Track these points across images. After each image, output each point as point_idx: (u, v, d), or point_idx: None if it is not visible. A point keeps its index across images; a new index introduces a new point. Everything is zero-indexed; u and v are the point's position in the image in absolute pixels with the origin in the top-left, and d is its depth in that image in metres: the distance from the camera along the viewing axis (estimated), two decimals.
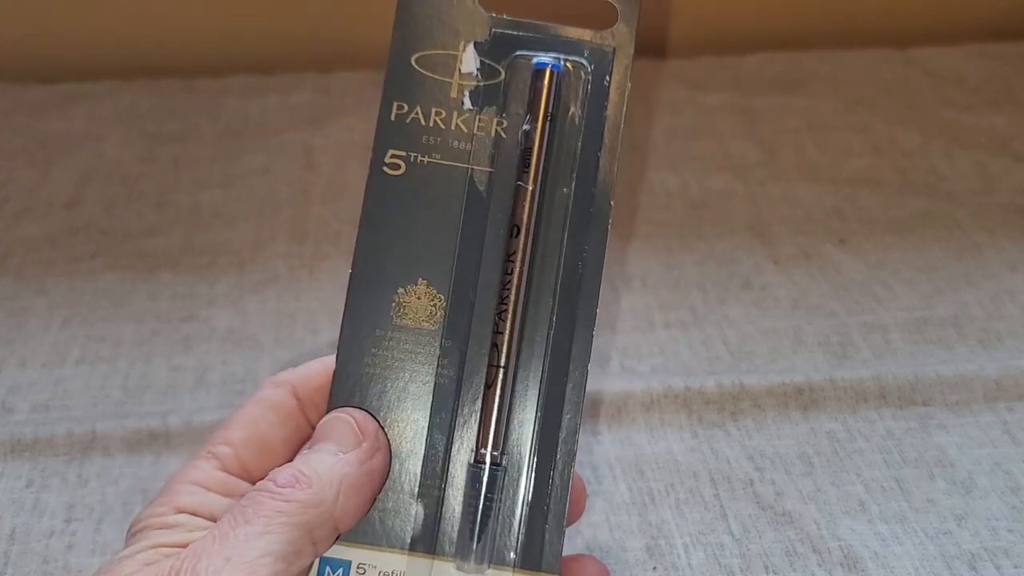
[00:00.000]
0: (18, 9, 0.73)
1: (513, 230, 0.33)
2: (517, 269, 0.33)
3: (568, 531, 0.43)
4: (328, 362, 0.34)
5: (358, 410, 0.33)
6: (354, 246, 0.34)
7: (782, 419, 0.49)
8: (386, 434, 0.33)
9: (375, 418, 0.33)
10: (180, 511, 0.31)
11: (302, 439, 0.34)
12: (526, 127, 0.34)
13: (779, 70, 0.75)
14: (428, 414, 0.33)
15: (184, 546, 0.29)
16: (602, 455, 0.47)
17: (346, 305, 0.34)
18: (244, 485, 0.32)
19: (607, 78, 0.34)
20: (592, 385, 0.49)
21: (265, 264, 0.59)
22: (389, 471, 0.33)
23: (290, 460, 0.33)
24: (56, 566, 0.42)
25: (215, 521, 0.31)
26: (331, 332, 0.54)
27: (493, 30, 0.35)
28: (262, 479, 0.31)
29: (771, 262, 0.59)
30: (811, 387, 0.50)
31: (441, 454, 0.33)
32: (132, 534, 0.31)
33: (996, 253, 0.59)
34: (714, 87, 0.73)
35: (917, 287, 0.57)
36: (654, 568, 0.42)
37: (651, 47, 0.77)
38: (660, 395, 0.49)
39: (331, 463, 0.31)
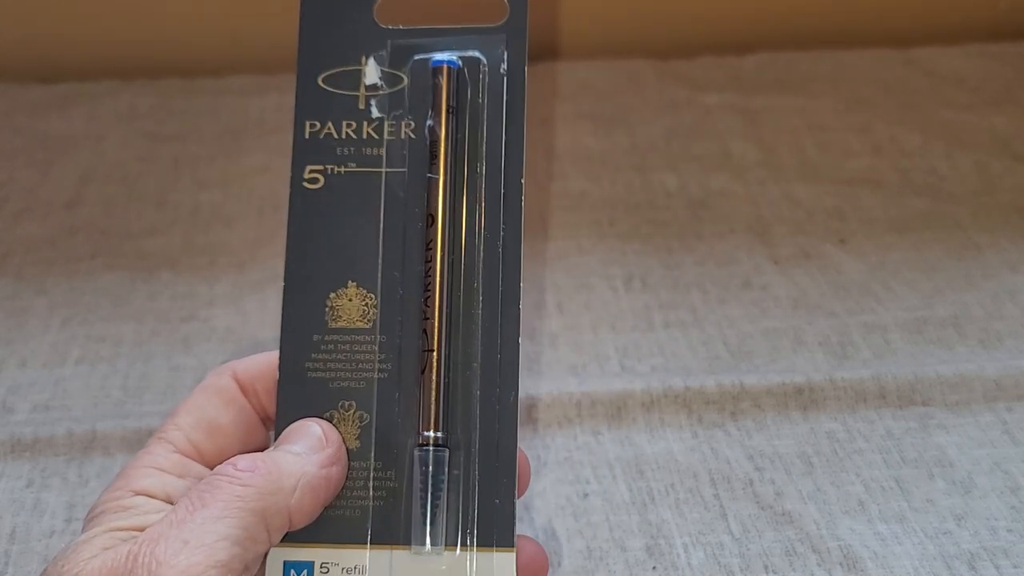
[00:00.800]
0: (18, 9, 0.73)
1: (428, 219, 0.35)
2: (437, 256, 0.35)
3: (568, 531, 0.44)
4: (271, 355, 0.35)
5: (325, 422, 0.34)
6: (284, 260, 0.36)
7: (782, 419, 0.49)
8: (345, 443, 0.34)
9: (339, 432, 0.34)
10: (137, 493, 0.31)
11: (247, 421, 0.35)
12: (430, 122, 0.36)
13: (779, 70, 0.75)
14: (374, 408, 0.34)
15: (141, 529, 0.30)
16: (602, 455, 0.47)
17: (282, 314, 0.35)
18: (198, 466, 0.33)
19: (502, 66, 0.36)
20: (592, 385, 0.50)
21: (265, 264, 0.59)
22: (343, 484, 0.34)
23: (239, 440, 0.34)
24: None
25: (171, 503, 0.31)
26: None
27: (391, 41, 0.37)
28: (216, 461, 0.32)
29: (771, 262, 0.59)
30: (811, 387, 0.50)
31: (389, 446, 0.34)
32: (89, 519, 0.31)
33: (996, 253, 0.59)
34: (714, 87, 0.73)
35: (917, 287, 0.57)
36: (654, 568, 0.42)
37: (651, 47, 0.77)
38: (660, 395, 0.49)
39: (292, 460, 0.32)
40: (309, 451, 0.33)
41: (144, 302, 0.56)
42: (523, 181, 0.35)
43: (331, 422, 0.34)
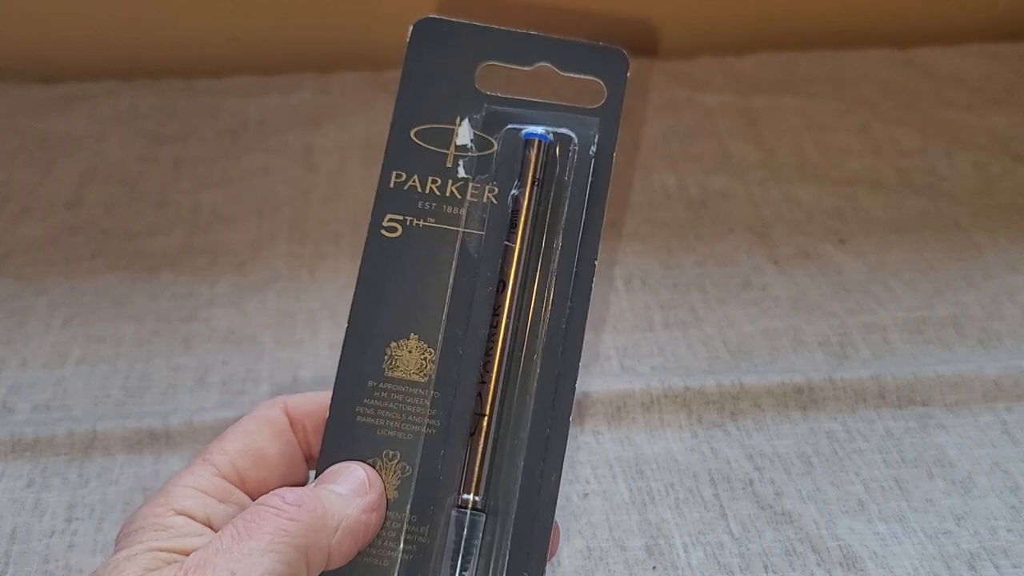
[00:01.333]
0: (18, 9, 0.73)
1: (499, 286, 0.35)
2: (503, 322, 0.35)
3: (568, 531, 0.44)
4: (323, 396, 0.36)
5: (369, 467, 0.34)
6: (351, 303, 0.36)
7: (782, 419, 0.49)
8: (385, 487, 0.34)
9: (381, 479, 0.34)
10: (177, 513, 0.31)
11: (292, 455, 0.35)
12: (515, 192, 0.36)
13: (779, 70, 0.75)
14: (417, 461, 0.35)
15: (183, 552, 0.30)
16: (602, 455, 0.47)
17: (341, 356, 0.35)
18: (240, 493, 0.33)
19: (592, 147, 0.37)
20: (592, 385, 0.50)
21: (265, 264, 0.59)
22: (379, 532, 0.34)
23: (282, 474, 0.34)
24: (57, 566, 0.42)
25: (211, 526, 0.31)
26: (331, 332, 0.54)
27: (487, 106, 0.37)
28: (258, 491, 0.32)
29: (771, 262, 0.59)
30: (810, 387, 0.50)
31: (427, 501, 0.34)
32: (127, 534, 0.31)
33: (996, 253, 0.59)
34: (714, 87, 0.73)
35: (917, 287, 0.57)
36: (654, 568, 0.42)
37: (651, 47, 0.77)
38: (660, 395, 0.49)
39: (336, 500, 0.32)
40: (352, 494, 0.33)
41: (144, 302, 0.56)
42: (596, 263, 0.36)
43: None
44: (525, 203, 0.36)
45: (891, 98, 0.72)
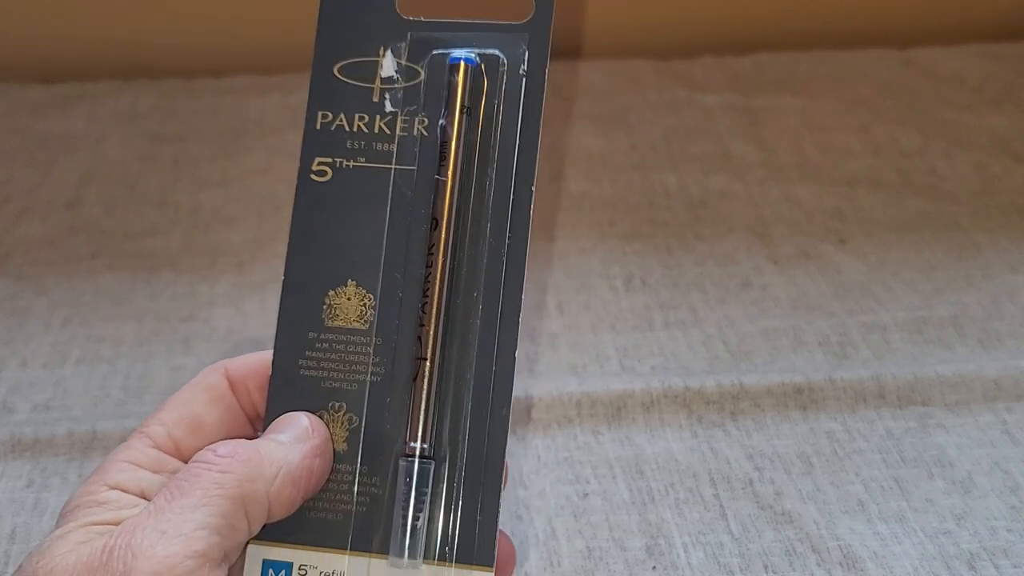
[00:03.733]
0: (18, 9, 0.73)
1: (433, 223, 0.34)
2: (439, 262, 0.34)
3: (568, 531, 0.44)
4: (265, 354, 0.35)
5: (314, 415, 0.34)
6: (285, 254, 0.35)
7: (781, 419, 0.49)
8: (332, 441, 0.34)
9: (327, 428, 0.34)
10: (111, 488, 0.31)
11: (233, 420, 0.34)
12: (442, 122, 0.35)
13: (779, 70, 0.75)
14: (364, 412, 0.34)
15: (116, 523, 0.29)
16: (602, 455, 0.47)
17: (280, 309, 0.35)
18: (175, 462, 0.33)
19: (523, 66, 0.35)
20: (592, 385, 0.50)
21: (265, 264, 0.59)
22: (325, 481, 0.33)
23: (222, 438, 0.33)
24: None
25: (146, 498, 0.31)
26: None
27: (411, 33, 0.36)
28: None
29: (771, 262, 0.59)
30: (810, 387, 0.50)
31: (376, 451, 0.34)
32: (63, 514, 0.31)
33: (996, 253, 0.59)
34: (714, 87, 0.73)
35: (917, 287, 0.57)
36: (654, 568, 0.42)
37: (651, 47, 0.77)
38: (660, 395, 0.49)
39: (275, 448, 0.32)
40: (294, 440, 0.32)
41: (144, 302, 0.56)
42: (534, 188, 0.34)
43: None
44: (454, 133, 0.34)
45: (891, 98, 0.72)
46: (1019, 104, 0.72)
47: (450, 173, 0.34)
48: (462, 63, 0.35)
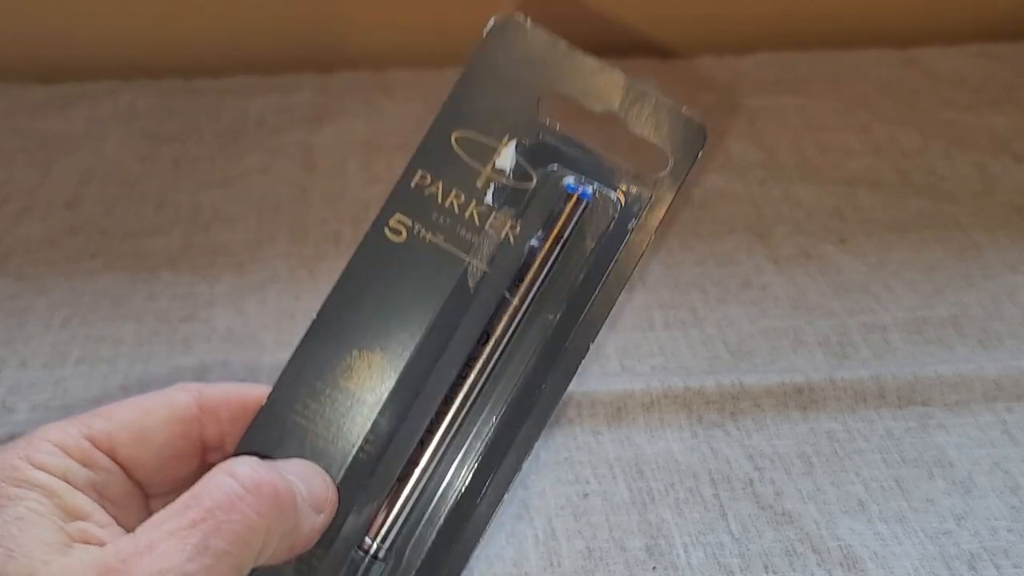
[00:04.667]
0: (18, 9, 0.73)
1: (483, 336, 0.33)
2: (472, 376, 0.33)
3: (568, 531, 0.44)
4: (247, 390, 0.33)
5: (335, 485, 0.32)
6: (329, 293, 0.33)
7: (782, 419, 0.49)
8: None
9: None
10: (37, 468, 0.29)
11: (184, 445, 0.33)
12: (534, 242, 0.33)
13: (779, 70, 0.75)
14: (337, 480, 0.33)
15: (70, 514, 0.28)
16: (602, 455, 0.47)
17: (300, 343, 0.33)
18: (107, 462, 0.31)
19: (632, 222, 0.33)
20: (592, 385, 0.50)
21: (265, 264, 0.59)
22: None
23: (164, 460, 0.32)
24: None
25: (76, 486, 0.29)
26: None
27: (541, 135, 0.34)
28: (133, 467, 0.31)
29: (771, 262, 0.59)
30: (811, 387, 0.50)
31: (333, 527, 0.32)
32: None
33: (996, 253, 0.59)
34: (714, 87, 0.73)
35: (917, 287, 0.57)
36: (654, 568, 0.42)
37: (651, 47, 0.77)
38: (660, 395, 0.49)
39: (310, 515, 0.31)
40: (315, 506, 0.31)
41: (144, 302, 0.56)
42: (592, 345, 0.33)
43: None
44: (539, 260, 0.33)
45: (891, 98, 0.72)
46: (1019, 104, 0.72)
47: (519, 297, 0.33)
48: (576, 195, 0.33)
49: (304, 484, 0.31)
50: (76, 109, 0.71)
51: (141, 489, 0.32)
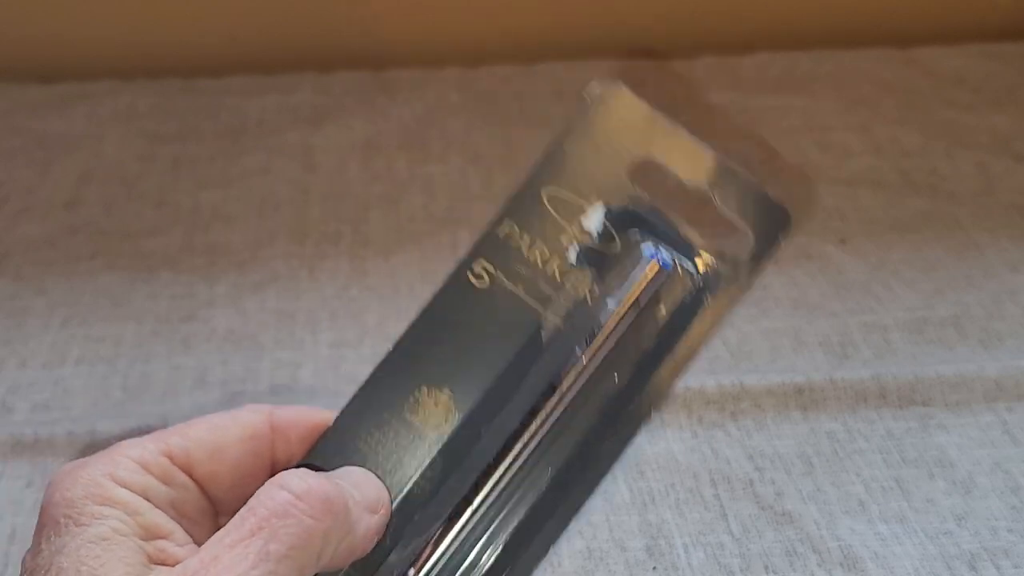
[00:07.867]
0: (18, 9, 0.73)
1: (549, 389, 0.33)
2: (533, 427, 0.33)
3: (568, 533, 0.43)
4: (316, 414, 0.34)
5: (385, 487, 0.33)
6: (407, 327, 0.34)
7: (782, 419, 0.49)
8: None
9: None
10: (120, 485, 0.29)
11: (261, 464, 0.33)
12: (611, 305, 0.34)
13: (779, 70, 0.75)
14: (390, 511, 0.33)
15: (147, 534, 0.28)
16: None
17: (370, 375, 0.34)
18: (184, 478, 0.31)
19: (707, 297, 0.34)
20: None
21: (265, 264, 0.59)
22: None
23: (238, 475, 0.33)
24: None
25: (156, 504, 0.30)
26: (330, 332, 0.54)
27: (630, 202, 0.34)
28: (209, 482, 0.31)
29: (771, 262, 0.59)
30: (811, 387, 0.50)
31: (377, 552, 0.32)
32: (60, 501, 0.29)
33: (997, 253, 0.59)
34: (714, 87, 0.73)
35: (917, 287, 0.57)
36: (654, 568, 0.42)
37: (651, 47, 0.77)
38: None
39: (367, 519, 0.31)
40: (370, 508, 0.31)
41: (144, 302, 0.56)
42: (655, 413, 0.33)
43: None
44: (614, 323, 0.33)
45: (892, 98, 0.72)
46: (1020, 104, 0.72)
47: (588, 356, 0.33)
48: (657, 263, 0.34)
49: (355, 487, 0.31)
50: (75, 109, 0.71)
51: (213, 506, 0.33)
